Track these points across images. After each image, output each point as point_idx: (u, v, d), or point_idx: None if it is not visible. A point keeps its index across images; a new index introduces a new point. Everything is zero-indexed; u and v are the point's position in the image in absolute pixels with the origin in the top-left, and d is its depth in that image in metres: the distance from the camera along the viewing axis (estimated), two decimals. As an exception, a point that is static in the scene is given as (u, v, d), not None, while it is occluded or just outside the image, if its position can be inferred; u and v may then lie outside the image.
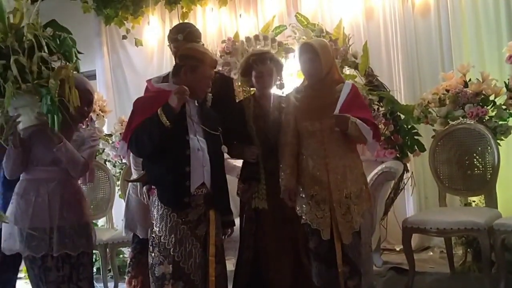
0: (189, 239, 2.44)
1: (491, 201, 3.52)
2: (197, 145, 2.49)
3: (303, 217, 2.78)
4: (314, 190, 2.73)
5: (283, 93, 3.11)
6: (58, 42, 2.44)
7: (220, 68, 4.09)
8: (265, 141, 2.95)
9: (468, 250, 3.72)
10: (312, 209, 2.74)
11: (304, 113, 2.78)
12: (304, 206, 2.78)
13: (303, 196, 2.78)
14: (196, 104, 2.60)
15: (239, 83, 3.14)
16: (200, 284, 2.45)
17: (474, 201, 3.82)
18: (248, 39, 4.36)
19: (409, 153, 3.96)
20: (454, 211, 3.58)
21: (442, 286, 3.44)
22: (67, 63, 2.44)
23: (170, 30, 2.99)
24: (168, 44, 3.06)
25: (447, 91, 3.82)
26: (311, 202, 2.74)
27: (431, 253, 4.25)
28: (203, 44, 3.02)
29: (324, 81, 2.77)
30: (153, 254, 2.46)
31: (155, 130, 2.39)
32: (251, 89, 3.09)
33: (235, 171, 3.22)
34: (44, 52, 2.34)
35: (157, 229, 2.47)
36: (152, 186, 2.57)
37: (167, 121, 2.37)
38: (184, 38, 2.91)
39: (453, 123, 3.72)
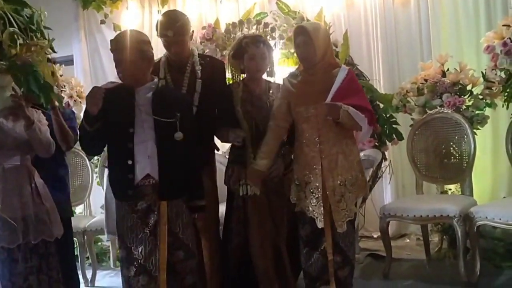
0: (140, 227, 2.45)
1: (467, 189, 3.59)
2: (141, 137, 2.45)
3: (297, 205, 2.76)
4: (307, 177, 2.70)
5: (274, 81, 3.10)
6: (27, 19, 2.37)
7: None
8: (253, 126, 2.92)
9: (444, 237, 3.80)
10: (306, 196, 2.71)
11: (298, 98, 2.72)
12: (298, 193, 2.75)
13: (298, 183, 2.76)
14: (150, 92, 2.51)
15: (229, 67, 3.09)
16: (154, 270, 2.45)
17: (450, 189, 3.89)
18: (234, 25, 4.34)
19: (387, 142, 4.01)
20: (430, 199, 3.64)
21: (418, 272, 3.50)
22: (38, 40, 2.38)
23: (159, 22, 2.83)
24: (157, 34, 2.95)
25: (426, 80, 3.86)
26: (306, 190, 2.71)
27: (408, 240, 4.32)
28: (192, 31, 2.95)
29: (319, 65, 2.69)
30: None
31: (85, 135, 2.48)
32: (242, 75, 3.03)
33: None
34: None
35: (117, 217, 2.55)
36: None
37: (88, 127, 2.43)
38: (174, 33, 2.78)
39: (431, 112, 3.77)
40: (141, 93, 2.49)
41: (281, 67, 4.14)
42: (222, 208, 3.10)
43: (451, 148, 3.72)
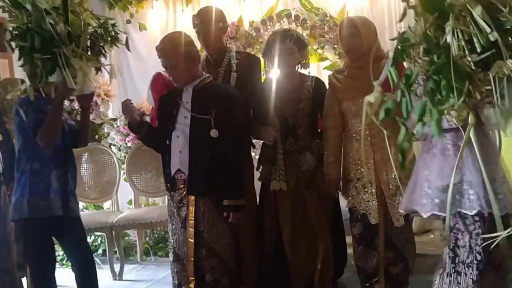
0: (174, 217, 2.65)
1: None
2: (178, 133, 2.57)
3: (349, 202, 2.76)
4: (359, 172, 2.68)
5: (309, 72, 3.12)
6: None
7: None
8: (283, 121, 2.96)
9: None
10: (359, 192, 2.70)
11: (346, 93, 2.71)
12: (350, 189, 2.74)
13: (349, 179, 2.74)
14: (192, 89, 2.62)
15: (263, 65, 3.13)
16: (185, 260, 2.60)
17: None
18: (256, 29, 4.38)
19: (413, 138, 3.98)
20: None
21: (443, 268, 3.47)
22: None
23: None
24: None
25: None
26: (358, 185, 2.70)
27: (432, 236, 4.29)
28: (227, 25, 3.06)
29: (366, 58, 2.63)
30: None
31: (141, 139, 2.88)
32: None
33: None
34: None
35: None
36: None
37: (137, 134, 2.77)
38: (201, 21, 2.91)
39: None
40: (187, 92, 2.62)
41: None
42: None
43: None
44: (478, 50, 1.52)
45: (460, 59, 1.54)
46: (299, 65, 3.03)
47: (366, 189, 2.67)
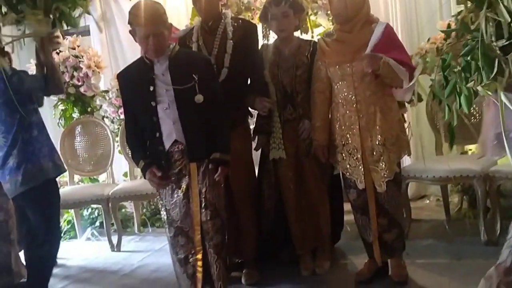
0: (174, 191, 2.57)
1: (487, 149, 3.56)
2: (164, 106, 2.49)
3: (336, 168, 2.77)
4: (345, 138, 2.67)
5: (312, 37, 3.06)
6: None
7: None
8: (280, 88, 2.91)
9: (464, 197, 3.79)
10: (345, 158, 2.69)
11: (333, 57, 2.67)
12: (336, 155, 2.73)
13: (335, 145, 2.73)
14: (168, 59, 2.52)
15: (262, 30, 3.06)
16: (190, 231, 2.57)
17: (471, 150, 3.86)
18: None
19: (406, 104, 3.96)
20: (450, 160, 3.61)
21: (438, 232, 3.52)
22: None
23: None
24: None
25: (445, 40, 3.77)
26: (343, 151, 2.69)
27: (427, 201, 4.33)
28: None
29: (354, 21, 2.61)
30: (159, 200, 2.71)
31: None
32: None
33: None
34: None
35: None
36: None
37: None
38: None
39: (451, 72, 3.71)
40: (159, 64, 2.51)
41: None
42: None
43: (472, 108, 3.66)
44: (505, 36, 1.61)
45: (489, 43, 1.65)
46: (299, 31, 2.97)
47: (352, 155, 2.66)
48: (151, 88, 2.48)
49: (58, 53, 4.52)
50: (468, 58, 1.74)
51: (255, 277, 3.00)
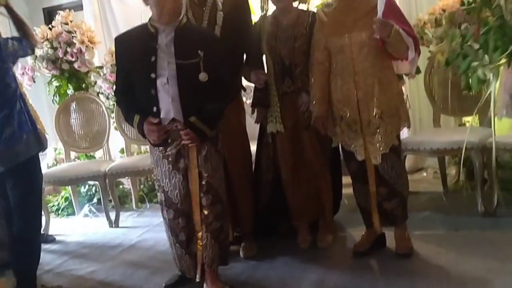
0: (172, 172, 2.50)
1: (485, 121, 3.55)
2: (163, 81, 2.37)
3: (334, 140, 2.75)
4: (343, 111, 2.64)
5: (308, 8, 2.99)
6: None
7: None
8: (278, 61, 2.87)
9: (461, 169, 3.79)
10: (343, 131, 2.67)
11: (332, 28, 2.62)
12: (334, 128, 2.71)
13: (334, 117, 2.70)
14: (172, 31, 2.40)
15: (260, 0, 2.99)
16: (190, 213, 2.53)
17: (468, 122, 3.85)
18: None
19: (404, 76, 3.93)
20: (448, 132, 3.61)
21: (435, 204, 3.52)
22: None
23: None
24: None
25: (444, 11, 3.72)
26: (341, 124, 2.66)
27: (425, 174, 4.33)
28: None
29: None
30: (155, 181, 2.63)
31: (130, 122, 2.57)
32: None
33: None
34: None
35: (152, 162, 2.61)
36: None
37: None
38: None
39: (449, 43, 3.67)
40: (164, 34, 2.40)
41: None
42: (254, 147, 3.13)
43: (470, 80, 3.64)
44: None
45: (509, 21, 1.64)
46: (298, 1, 2.90)
47: (350, 127, 2.64)
48: (153, 59, 2.37)
49: (50, 29, 4.46)
50: (487, 36, 1.72)
51: (253, 250, 3.01)
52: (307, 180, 2.98)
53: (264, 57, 2.93)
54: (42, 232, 3.77)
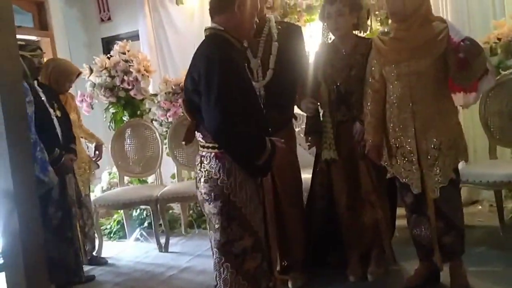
0: (258, 205, 2.17)
1: (545, 153, 3.42)
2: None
3: (389, 171, 2.69)
4: (399, 141, 2.59)
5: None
6: None
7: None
8: (333, 89, 2.88)
9: (519, 203, 3.65)
10: (398, 161, 2.61)
11: (389, 56, 2.59)
12: (390, 158, 2.66)
13: (390, 147, 2.65)
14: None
15: (322, 29, 3.03)
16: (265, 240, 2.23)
17: (526, 153, 3.72)
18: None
19: (458, 106, 3.85)
20: (505, 164, 3.49)
21: (491, 239, 3.39)
22: None
23: None
24: None
25: (499, 39, 3.65)
26: (397, 154, 2.61)
27: (480, 207, 4.18)
28: None
29: (413, 19, 2.51)
30: (228, 230, 2.09)
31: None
32: None
33: None
34: None
35: (236, 199, 2.08)
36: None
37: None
38: None
39: (505, 73, 3.58)
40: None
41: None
42: (306, 175, 3.12)
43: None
44: None
45: None
46: (358, 29, 2.91)
47: (406, 158, 2.57)
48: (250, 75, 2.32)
49: (108, 58, 4.66)
50: None
51: (302, 280, 2.99)
52: (363, 210, 2.94)
53: (320, 85, 2.95)
54: (95, 254, 3.91)
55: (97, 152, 4.10)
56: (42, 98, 3.30)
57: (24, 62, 3.19)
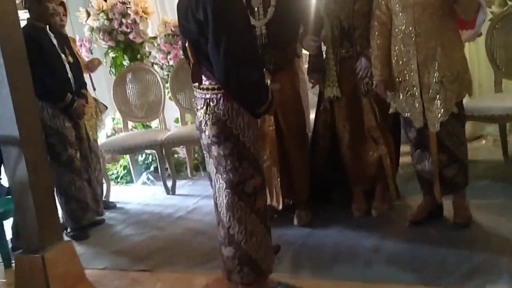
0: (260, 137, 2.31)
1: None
2: None
3: (392, 105, 2.68)
4: (402, 75, 2.56)
5: None
6: None
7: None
8: (336, 24, 2.82)
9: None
10: (401, 96, 2.59)
11: None
12: (393, 93, 2.64)
13: (393, 82, 2.62)
14: None
15: None
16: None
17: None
18: None
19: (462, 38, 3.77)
20: (510, 97, 3.46)
21: (495, 172, 3.42)
22: None
23: None
24: None
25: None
26: (400, 88, 2.59)
27: (484, 142, 4.19)
28: None
29: None
30: (240, 170, 2.09)
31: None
32: None
33: None
34: None
35: (245, 139, 2.08)
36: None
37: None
38: None
39: (513, 3, 3.49)
40: None
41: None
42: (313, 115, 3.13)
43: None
44: None
45: None
46: None
47: (409, 92, 2.55)
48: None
49: (105, 0, 4.54)
50: None
51: (307, 218, 3.04)
52: (366, 146, 2.94)
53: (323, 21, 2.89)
54: (104, 198, 3.98)
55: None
56: (54, 44, 3.33)
57: (39, 7, 3.23)
